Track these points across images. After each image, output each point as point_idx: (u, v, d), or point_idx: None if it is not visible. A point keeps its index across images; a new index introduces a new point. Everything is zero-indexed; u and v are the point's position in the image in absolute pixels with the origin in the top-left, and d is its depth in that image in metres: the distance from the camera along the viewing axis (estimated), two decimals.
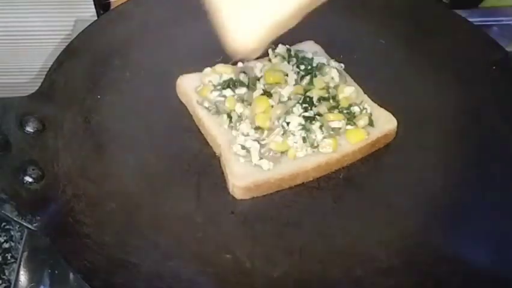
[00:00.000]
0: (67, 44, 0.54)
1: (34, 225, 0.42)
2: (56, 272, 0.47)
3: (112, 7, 0.68)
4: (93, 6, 0.68)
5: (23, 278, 0.47)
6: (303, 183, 0.47)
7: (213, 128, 0.49)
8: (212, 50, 0.53)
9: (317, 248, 0.43)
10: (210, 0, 0.42)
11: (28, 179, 0.44)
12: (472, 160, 0.49)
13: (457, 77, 0.55)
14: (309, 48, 0.55)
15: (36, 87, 0.51)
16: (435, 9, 0.62)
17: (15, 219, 0.42)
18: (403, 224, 0.45)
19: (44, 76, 0.52)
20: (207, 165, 0.48)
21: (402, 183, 0.47)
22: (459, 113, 0.52)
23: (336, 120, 0.48)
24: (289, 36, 0.51)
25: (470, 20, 0.61)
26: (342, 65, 0.54)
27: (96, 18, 0.69)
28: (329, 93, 0.50)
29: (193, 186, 0.47)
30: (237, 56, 0.43)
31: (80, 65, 0.54)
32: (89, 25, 0.57)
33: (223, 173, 0.47)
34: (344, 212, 0.46)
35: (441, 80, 0.55)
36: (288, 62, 0.53)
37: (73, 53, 0.54)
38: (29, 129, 0.47)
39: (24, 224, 0.42)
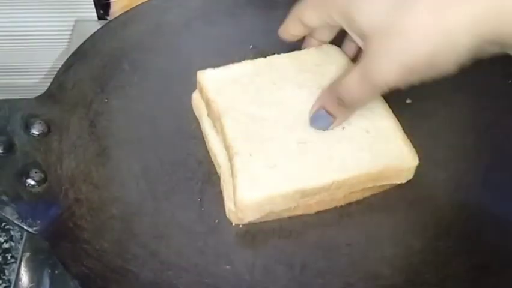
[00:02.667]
0: (67, 44, 0.54)
1: (34, 228, 0.42)
2: (56, 272, 0.47)
3: (111, 7, 0.68)
4: (93, 7, 0.68)
5: (23, 278, 0.47)
6: None
7: (217, 146, 0.47)
8: (222, 56, 0.53)
9: (319, 262, 0.43)
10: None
11: (31, 181, 0.44)
12: (483, 178, 0.48)
13: (469, 88, 0.53)
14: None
15: (43, 89, 0.51)
16: None
17: (15, 222, 0.42)
18: (409, 241, 0.44)
19: (46, 77, 0.52)
20: (211, 173, 0.47)
21: (410, 199, 0.46)
22: (471, 128, 0.51)
23: None
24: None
25: None
26: None
27: (96, 18, 0.69)
28: None
29: (195, 194, 0.46)
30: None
31: (88, 68, 0.54)
32: (99, 28, 0.57)
33: None
34: (348, 226, 0.45)
35: (454, 93, 0.53)
36: None
37: (82, 56, 0.54)
38: (35, 131, 0.47)
39: (25, 227, 0.42)
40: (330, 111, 0.44)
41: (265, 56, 0.53)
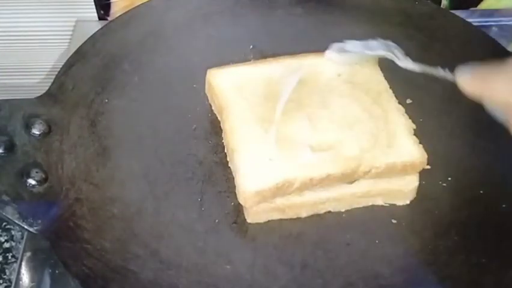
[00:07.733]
0: (67, 44, 0.54)
1: (35, 228, 0.42)
2: (57, 272, 0.47)
3: (112, 8, 0.68)
4: (94, 7, 0.68)
5: (23, 277, 0.47)
6: None
7: None
8: (222, 56, 0.53)
9: (319, 262, 0.43)
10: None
11: (31, 181, 0.44)
12: (483, 175, 0.48)
13: None
14: None
15: (43, 89, 0.51)
16: (450, 19, 0.61)
17: (16, 221, 0.42)
18: (409, 241, 0.44)
19: (46, 77, 0.52)
20: (211, 173, 0.47)
21: (412, 200, 0.46)
22: (471, 128, 0.51)
23: None
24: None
25: (470, 20, 0.61)
26: None
27: (97, 19, 0.69)
28: None
29: (196, 194, 0.46)
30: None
31: (89, 68, 0.54)
32: (100, 29, 0.57)
33: (226, 181, 0.47)
34: (349, 226, 0.45)
35: (454, 93, 0.53)
36: None
37: (82, 56, 0.54)
38: (35, 131, 0.47)
39: (25, 227, 0.42)
40: None
41: (265, 56, 0.53)
